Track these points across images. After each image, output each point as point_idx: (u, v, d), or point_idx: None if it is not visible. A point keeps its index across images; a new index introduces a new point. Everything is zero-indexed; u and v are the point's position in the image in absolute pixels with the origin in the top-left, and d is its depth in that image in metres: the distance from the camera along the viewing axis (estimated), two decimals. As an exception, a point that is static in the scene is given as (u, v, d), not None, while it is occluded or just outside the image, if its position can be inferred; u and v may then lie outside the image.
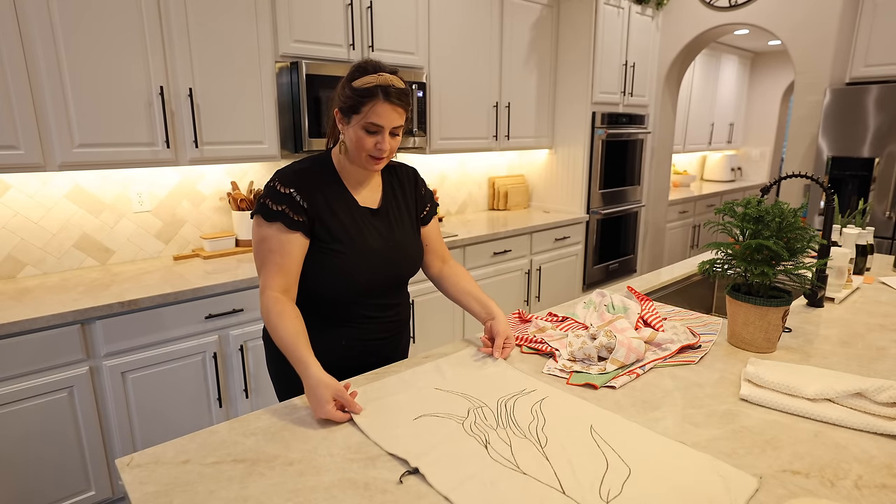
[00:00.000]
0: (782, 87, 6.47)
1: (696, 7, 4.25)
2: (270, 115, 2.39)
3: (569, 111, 3.75)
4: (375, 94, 1.15)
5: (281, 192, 1.20)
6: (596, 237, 3.90)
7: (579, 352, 1.29)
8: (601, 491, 0.83)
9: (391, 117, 1.17)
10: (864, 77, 3.55)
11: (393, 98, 1.16)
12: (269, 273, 1.19)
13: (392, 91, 1.16)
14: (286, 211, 1.18)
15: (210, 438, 0.99)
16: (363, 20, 2.61)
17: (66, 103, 1.90)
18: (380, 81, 1.16)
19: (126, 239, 2.36)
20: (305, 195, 1.21)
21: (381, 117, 1.16)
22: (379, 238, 1.28)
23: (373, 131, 1.18)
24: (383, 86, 1.16)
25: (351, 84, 1.17)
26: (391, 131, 1.19)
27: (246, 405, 2.22)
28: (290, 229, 1.19)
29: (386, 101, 1.16)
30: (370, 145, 1.19)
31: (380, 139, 1.19)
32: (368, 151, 1.20)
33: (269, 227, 1.19)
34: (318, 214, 1.22)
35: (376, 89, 1.15)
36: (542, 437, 0.98)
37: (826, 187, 1.65)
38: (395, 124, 1.19)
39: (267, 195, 1.20)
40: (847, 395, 1.06)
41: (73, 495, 1.87)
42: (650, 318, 1.50)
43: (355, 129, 1.18)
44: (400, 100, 1.18)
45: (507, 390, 1.16)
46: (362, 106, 1.16)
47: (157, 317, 1.94)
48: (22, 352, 1.70)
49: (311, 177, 1.24)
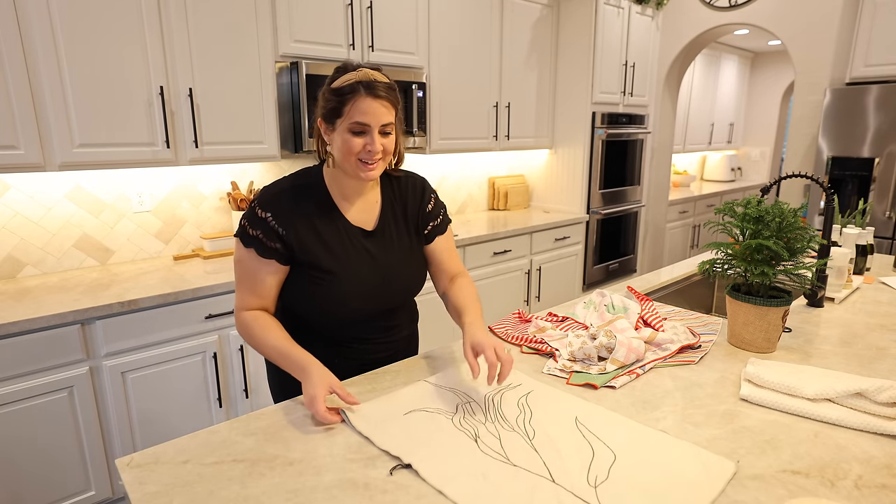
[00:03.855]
0: (782, 87, 6.47)
1: (696, 7, 4.25)
2: (270, 115, 2.39)
3: (569, 111, 3.75)
4: (357, 90, 1.06)
5: (258, 217, 1.13)
6: (596, 237, 3.90)
7: (579, 352, 1.29)
8: (588, 477, 0.87)
9: (377, 113, 1.07)
10: (864, 77, 3.55)
11: (377, 91, 1.07)
12: (243, 294, 1.17)
13: (375, 84, 1.07)
14: (260, 237, 1.12)
15: (210, 438, 0.99)
16: (363, 20, 2.61)
17: (66, 103, 1.90)
18: (360, 77, 1.07)
19: (126, 239, 2.36)
20: (283, 220, 1.13)
21: (366, 114, 1.06)
22: (370, 264, 1.19)
23: (359, 132, 1.08)
24: (364, 81, 1.06)
25: (330, 87, 1.09)
26: (381, 130, 1.09)
27: (246, 405, 2.22)
28: (264, 257, 1.13)
29: (368, 95, 1.06)
30: (358, 148, 1.08)
31: (368, 140, 1.08)
32: (357, 155, 1.09)
33: (245, 251, 1.14)
34: (299, 241, 1.14)
35: (357, 85, 1.06)
36: (529, 430, 1.00)
37: (826, 187, 1.65)
38: (383, 121, 1.08)
39: (247, 216, 1.15)
40: (847, 395, 1.06)
41: (73, 495, 1.87)
42: (650, 318, 1.50)
43: (341, 133, 1.09)
44: (385, 93, 1.08)
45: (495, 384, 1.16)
46: (344, 106, 1.07)
47: (157, 317, 1.94)
48: (22, 352, 1.70)
49: (293, 198, 1.15)
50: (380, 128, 1.09)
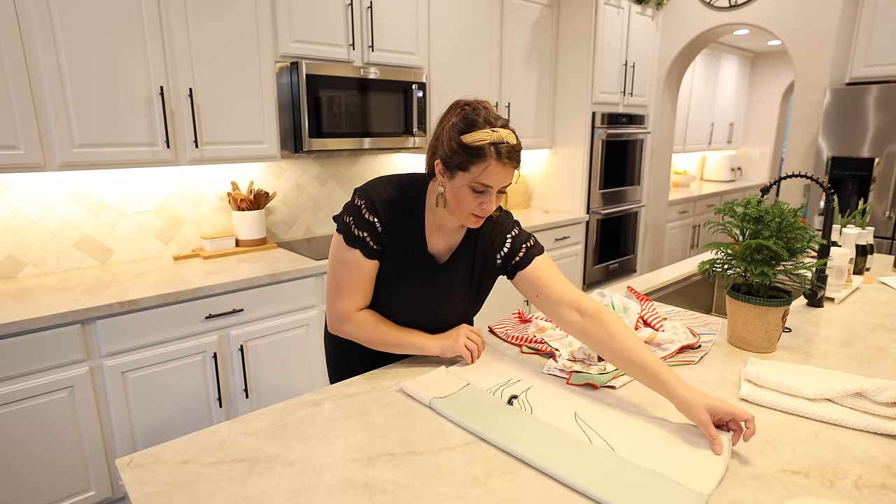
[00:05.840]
0: (782, 87, 6.47)
1: (696, 7, 4.25)
2: (270, 115, 2.39)
3: (569, 111, 3.75)
4: (488, 155, 1.03)
5: (365, 219, 1.15)
6: (596, 237, 3.90)
7: (579, 352, 1.29)
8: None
9: (502, 178, 1.06)
10: (864, 77, 3.55)
11: (505, 158, 1.04)
12: (352, 295, 1.20)
13: (505, 149, 1.04)
14: (367, 239, 1.15)
15: (210, 438, 0.99)
16: (363, 20, 2.61)
17: (66, 103, 1.90)
18: (493, 139, 1.03)
19: (126, 239, 2.36)
20: (387, 230, 1.16)
21: (492, 179, 1.05)
22: (426, 293, 1.23)
23: (480, 191, 1.07)
24: (497, 143, 1.03)
25: (460, 139, 1.04)
26: (500, 189, 1.09)
27: (246, 405, 2.22)
28: (368, 257, 1.17)
29: (499, 161, 1.04)
30: (474, 206, 1.09)
31: (486, 199, 1.08)
32: (472, 211, 1.10)
33: (349, 252, 1.17)
34: (390, 252, 1.19)
35: (490, 148, 1.03)
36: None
37: (826, 187, 1.65)
38: (504, 184, 1.08)
39: (351, 214, 1.16)
40: (847, 394, 1.06)
41: (73, 495, 1.87)
42: (650, 318, 1.50)
43: (460, 185, 1.07)
44: (512, 159, 1.06)
45: (495, 380, 1.20)
46: (472, 165, 1.04)
47: (157, 317, 1.94)
48: (22, 352, 1.70)
49: (398, 211, 1.17)
50: (499, 189, 1.09)
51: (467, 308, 1.32)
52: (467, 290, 1.28)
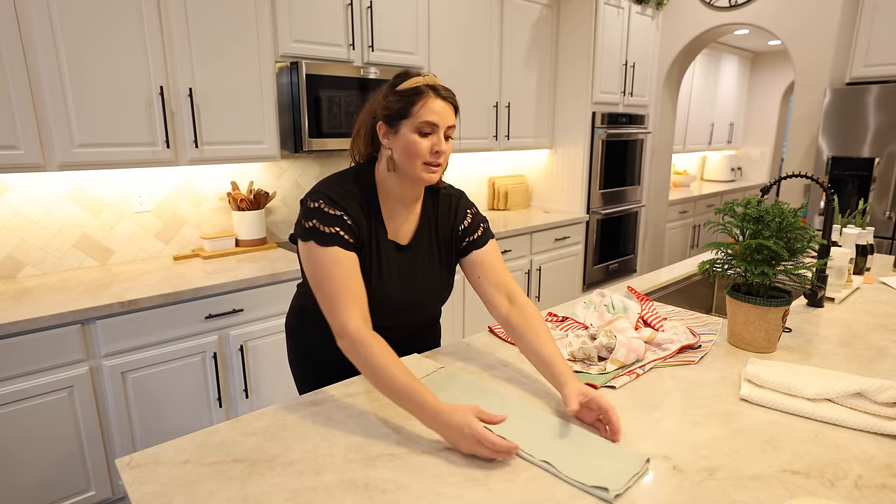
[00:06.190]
0: (782, 87, 6.47)
1: (696, 7, 4.25)
2: (270, 115, 2.39)
3: (569, 111, 3.75)
4: (425, 92, 1.09)
5: (330, 215, 1.11)
6: (596, 237, 3.90)
7: (579, 352, 1.29)
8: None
9: (445, 114, 1.11)
10: (864, 77, 3.55)
11: (442, 93, 1.11)
12: (345, 304, 1.06)
13: (441, 88, 1.11)
14: (340, 233, 1.10)
15: (210, 438, 0.99)
16: (363, 20, 2.61)
17: (65, 103, 1.90)
18: (427, 80, 1.11)
19: (126, 239, 2.36)
20: (355, 220, 1.13)
21: (437, 114, 1.09)
22: (398, 279, 1.21)
23: (427, 132, 1.10)
24: (431, 84, 1.11)
25: (395, 89, 1.12)
26: (445, 133, 1.12)
27: (246, 405, 2.22)
28: (347, 250, 1.10)
29: (437, 96, 1.10)
30: (426, 149, 1.10)
31: (436, 140, 1.10)
32: (424, 158, 1.10)
33: (325, 253, 1.08)
34: (362, 244, 1.16)
35: (425, 87, 1.10)
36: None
37: (826, 187, 1.65)
38: (448, 122, 1.12)
39: (312, 217, 1.10)
40: (847, 395, 1.06)
41: (73, 495, 1.87)
42: (650, 318, 1.50)
43: (406, 135, 1.10)
44: (449, 96, 1.12)
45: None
46: (412, 106, 1.09)
47: (157, 317, 1.93)
48: (22, 352, 1.70)
49: (358, 201, 1.15)
50: (445, 130, 1.12)
51: (441, 288, 1.29)
52: (436, 268, 1.27)
